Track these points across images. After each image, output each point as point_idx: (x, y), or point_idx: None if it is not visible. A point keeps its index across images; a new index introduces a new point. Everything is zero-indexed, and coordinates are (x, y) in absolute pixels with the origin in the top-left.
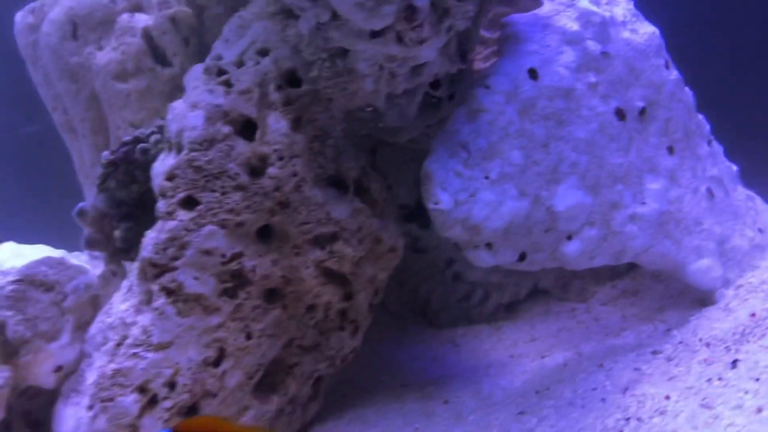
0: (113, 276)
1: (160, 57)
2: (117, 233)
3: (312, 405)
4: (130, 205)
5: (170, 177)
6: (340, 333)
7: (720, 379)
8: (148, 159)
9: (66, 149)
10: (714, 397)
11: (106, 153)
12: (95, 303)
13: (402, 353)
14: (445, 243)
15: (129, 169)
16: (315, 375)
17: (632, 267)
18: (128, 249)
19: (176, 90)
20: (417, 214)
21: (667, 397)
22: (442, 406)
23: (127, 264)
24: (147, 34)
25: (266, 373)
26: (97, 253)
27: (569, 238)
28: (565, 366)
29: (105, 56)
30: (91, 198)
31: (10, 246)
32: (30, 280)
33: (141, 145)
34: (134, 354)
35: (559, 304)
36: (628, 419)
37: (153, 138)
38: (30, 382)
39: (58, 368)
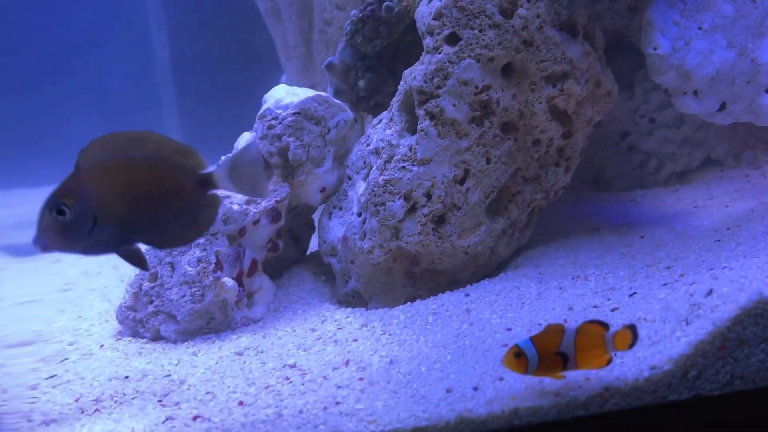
0: (355, 122)
1: None
2: (361, 83)
3: (526, 232)
4: (372, 59)
5: (437, 16)
6: (556, 168)
7: None
8: (392, 16)
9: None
10: None
11: (354, 11)
12: (345, 140)
13: (585, 209)
14: (620, 116)
15: (375, 25)
16: (532, 204)
17: None
18: (369, 97)
19: None
20: None
21: None
22: (640, 239)
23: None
24: None
25: (495, 198)
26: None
27: (767, 91)
28: (752, 211)
29: None
30: (292, 74)
31: (283, 87)
32: (305, 113)
33: (386, 3)
34: (402, 167)
35: (733, 171)
36: None
37: None
38: (301, 200)
39: (323, 189)
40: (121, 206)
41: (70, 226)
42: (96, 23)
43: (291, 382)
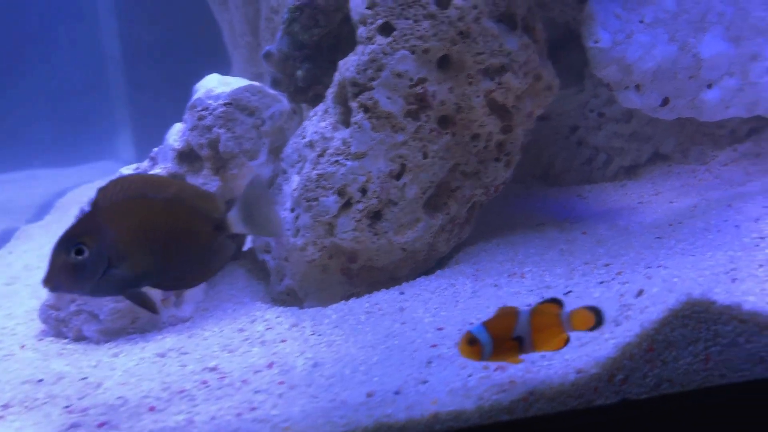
0: (293, 114)
1: None
2: (299, 73)
3: (466, 228)
4: (310, 48)
5: (371, 5)
6: (496, 164)
7: None
8: (330, 4)
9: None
10: None
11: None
12: (283, 132)
13: (531, 204)
14: (569, 110)
15: (312, 14)
16: (472, 200)
17: (753, 131)
18: (307, 88)
19: None
20: None
21: None
22: (581, 236)
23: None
24: None
25: (434, 193)
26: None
27: (709, 86)
28: (695, 207)
29: None
30: (239, 63)
31: (215, 76)
32: (237, 104)
33: None
34: (336, 161)
35: (680, 166)
36: (763, 238)
37: None
38: (234, 194)
39: None
40: (138, 248)
41: (84, 266)
42: (46, 12)
43: (208, 386)
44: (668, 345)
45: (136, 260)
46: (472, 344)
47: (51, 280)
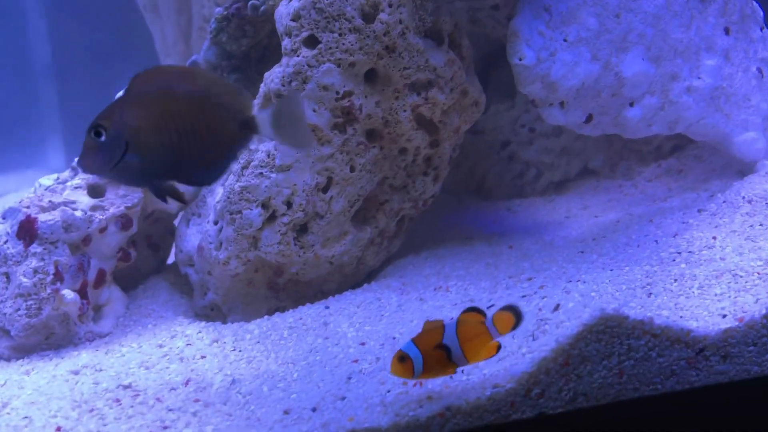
0: None
1: None
2: None
3: (395, 241)
4: (238, 58)
5: (295, 17)
6: (424, 178)
7: (761, 224)
8: (258, 15)
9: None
10: (757, 236)
11: (219, 9)
12: None
13: (463, 217)
14: (501, 126)
15: (240, 24)
16: (401, 213)
17: (676, 148)
18: None
19: None
20: None
21: (714, 238)
22: (508, 249)
23: None
24: None
25: (362, 207)
26: None
27: (632, 104)
28: (618, 222)
29: None
30: None
31: None
32: None
33: (252, 1)
34: (260, 174)
35: (608, 181)
36: (680, 252)
37: None
38: (158, 205)
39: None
40: (155, 137)
41: (103, 148)
42: None
43: (120, 404)
44: (583, 359)
45: (152, 149)
46: (403, 361)
47: (81, 161)
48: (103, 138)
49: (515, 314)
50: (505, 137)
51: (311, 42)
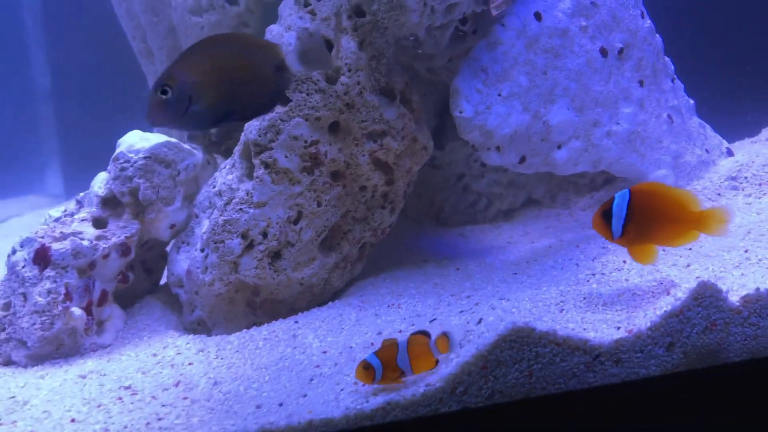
0: (208, 164)
1: None
2: (213, 130)
3: (358, 265)
4: None
5: None
6: (382, 210)
7: (664, 251)
8: None
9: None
10: (658, 261)
11: None
12: (197, 181)
13: (421, 242)
14: (457, 161)
15: None
16: (362, 241)
17: (607, 181)
18: (220, 142)
19: (241, 25)
20: (434, 137)
21: (624, 261)
22: (455, 271)
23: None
24: None
25: (328, 236)
26: (195, 146)
27: (559, 147)
28: (550, 247)
29: None
30: None
31: (137, 132)
32: (155, 158)
33: None
34: (240, 209)
35: (548, 210)
36: (594, 274)
37: None
38: (152, 235)
39: (172, 225)
40: (212, 88)
41: (170, 104)
42: None
43: (122, 401)
44: (499, 363)
45: (211, 98)
46: (367, 369)
47: (150, 116)
48: (169, 95)
49: (450, 339)
50: (460, 171)
51: None
